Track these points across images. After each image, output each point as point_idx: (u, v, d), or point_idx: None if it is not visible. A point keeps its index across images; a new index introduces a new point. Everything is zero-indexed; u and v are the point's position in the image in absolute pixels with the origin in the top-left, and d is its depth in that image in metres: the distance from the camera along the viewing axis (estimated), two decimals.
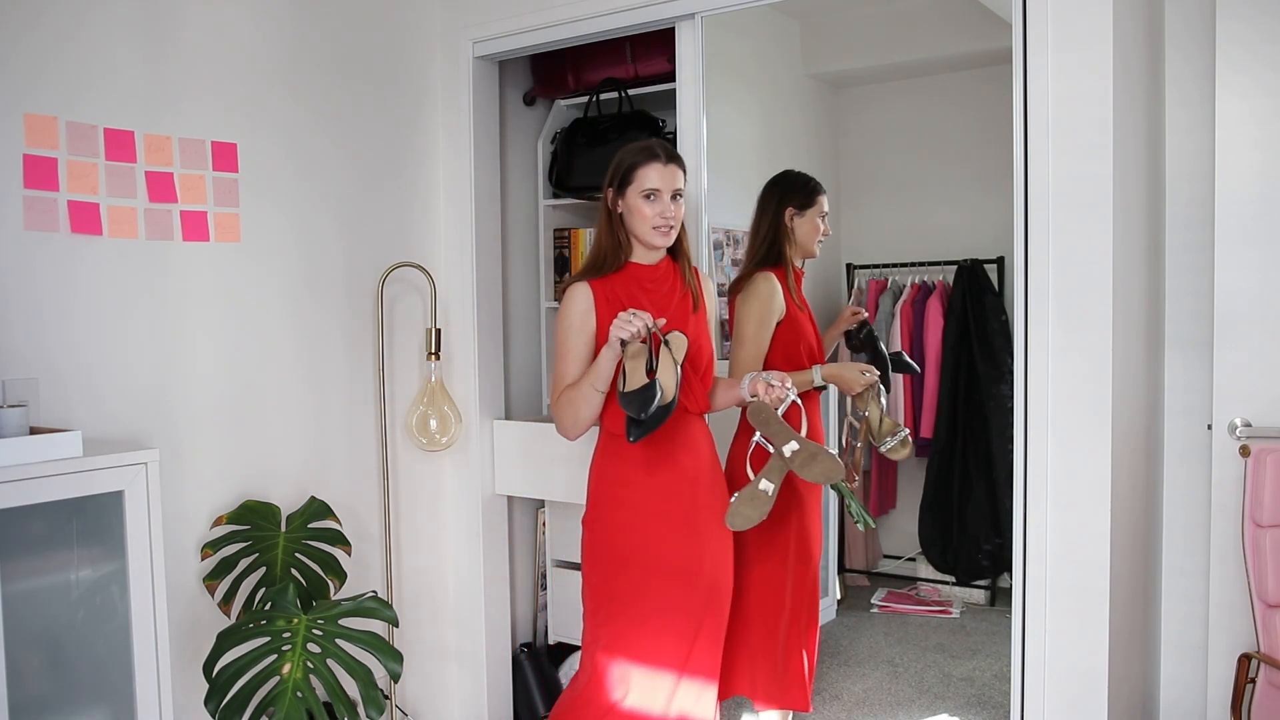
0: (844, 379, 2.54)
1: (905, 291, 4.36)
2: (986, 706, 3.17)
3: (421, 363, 2.97)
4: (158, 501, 1.97)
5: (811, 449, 2.10)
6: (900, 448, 2.64)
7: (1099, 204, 2.10)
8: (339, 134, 2.75)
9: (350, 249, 2.78)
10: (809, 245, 2.63)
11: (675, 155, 2.23)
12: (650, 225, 2.18)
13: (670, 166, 2.19)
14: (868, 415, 2.60)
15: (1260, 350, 2.42)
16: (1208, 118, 2.54)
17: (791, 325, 2.56)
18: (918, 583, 4.37)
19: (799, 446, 2.11)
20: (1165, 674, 2.74)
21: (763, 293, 2.52)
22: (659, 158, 2.18)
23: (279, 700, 2.15)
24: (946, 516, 4.20)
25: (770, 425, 2.14)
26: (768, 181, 2.67)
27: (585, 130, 3.17)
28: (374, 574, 2.84)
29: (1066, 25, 2.12)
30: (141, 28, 2.30)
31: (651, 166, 2.17)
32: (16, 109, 2.08)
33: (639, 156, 2.19)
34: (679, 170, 2.21)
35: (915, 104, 4.54)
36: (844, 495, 3.54)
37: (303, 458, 2.67)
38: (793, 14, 4.27)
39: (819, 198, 2.63)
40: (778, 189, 2.63)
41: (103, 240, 2.23)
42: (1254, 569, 2.32)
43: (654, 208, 2.17)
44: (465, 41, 2.98)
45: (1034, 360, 2.19)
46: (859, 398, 2.59)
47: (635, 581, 2.21)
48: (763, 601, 2.55)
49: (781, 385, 2.12)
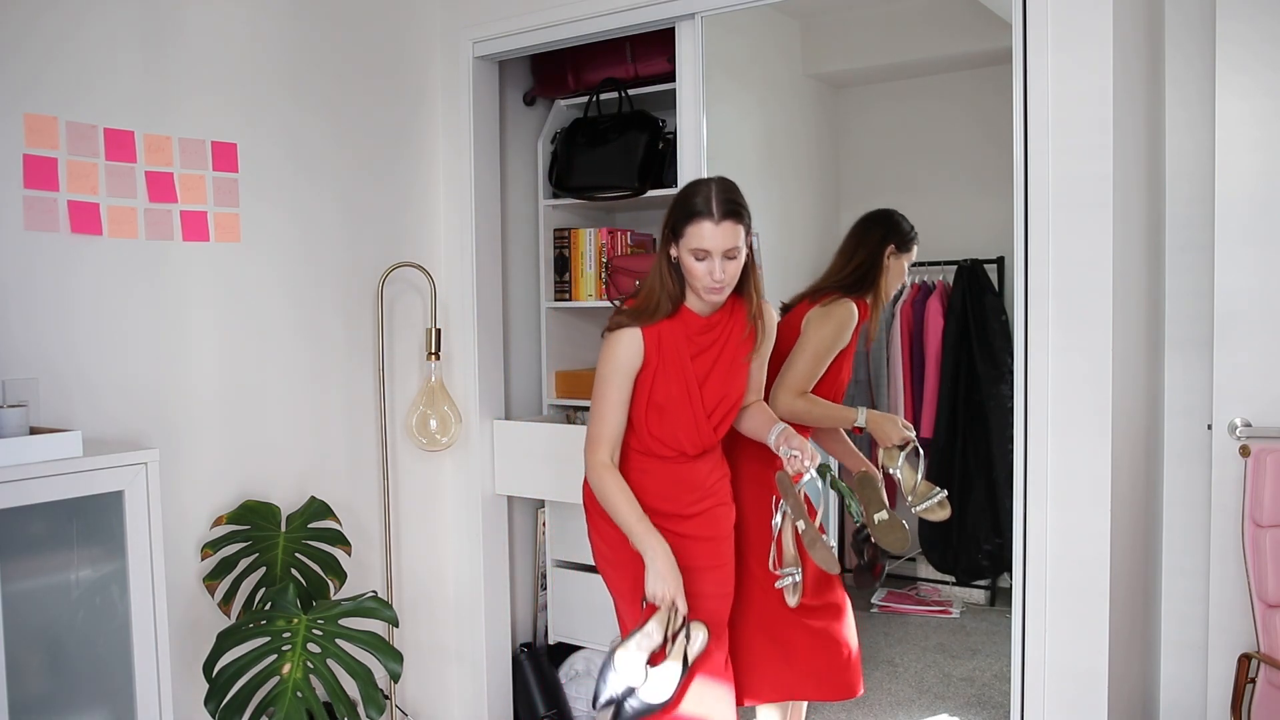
0: (884, 431, 2.52)
1: (905, 291, 4.36)
2: (986, 706, 3.17)
3: (421, 363, 2.97)
4: (158, 501, 1.97)
5: (814, 535, 2.18)
6: (938, 509, 2.56)
7: (1099, 204, 2.10)
8: (339, 134, 2.75)
9: (350, 249, 2.78)
10: (892, 288, 2.60)
11: (734, 210, 2.02)
12: (700, 285, 2.06)
13: (725, 224, 2.00)
14: (901, 475, 2.55)
15: (1260, 350, 2.42)
16: (1208, 118, 2.54)
17: (844, 357, 2.55)
18: (918, 583, 4.37)
19: (806, 528, 2.20)
20: (1165, 674, 2.74)
21: (844, 321, 2.49)
22: (711, 215, 2.00)
23: (279, 700, 2.15)
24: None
25: (789, 498, 2.22)
26: (874, 214, 2.64)
27: (585, 130, 3.16)
28: (374, 574, 2.84)
29: (1066, 25, 2.12)
30: (141, 28, 2.30)
31: (703, 225, 2.00)
32: (16, 109, 2.08)
33: (690, 210, 2.03)
34: (737, 226, 2.02)
35: (915, 104, 4.54)
36: (844, 495, 3.54)
37: (303, 458, 2.67)
38: (793, 14, 4.27)
39: (915, 246, 2.60)
40: (884, 224, 2.59)
41: (103, 240, 2.23)
42: (1254, 569, 2.32)
43: (704, 267, 2.03)
44: (465, 41, 2.98)
45: (1034, 360, 2.19)
46: (888, 452, 2.56)
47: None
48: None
49: (801, 459, 2.09)
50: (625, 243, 3.23)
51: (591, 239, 3.19)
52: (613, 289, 3.08)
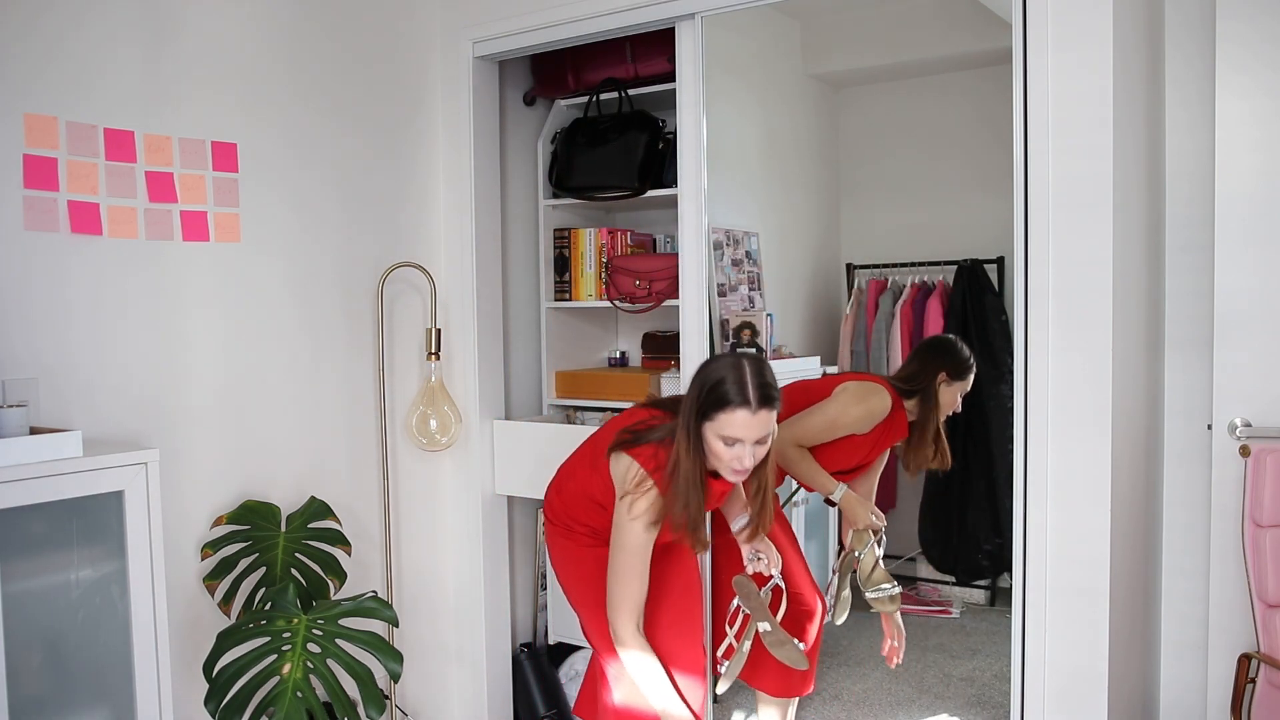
0: (855, 513, 2.62)
1: (905, 291, 4.36)
2: (986, 706, 3.17)
3: (421, 363, 2.97)
4: (158, 501, 1.97)
5: (781, 637, 2.22)
6: (887, 602, 2.63)
7: (1099, 204, 2.10)
8: (339, 133, 2.75)
9: (350, 249, 2.78)
10: (941, 415, 2.67)
11: (770, 397, 1.94)
12: (725, 468, 1.99)
13: (761, 413, 1.92)
14: (861, 557, 2.64)
15: (1260, 350, 2.42)
16: (1208, 118, 2.54)
17: (857, 446, 2.62)
18: (918, 583, 4.37)
19: (770, 629, 2.22)
20: (1165, 674, 2.74)
21: (872, 409, 2.57)
22: (748, 404, 1.91)
23: (279, 700, 2.15)
24: (946, 516, 4.20)
25: (750, 601, 2.25)
26: (941, 340, 2.80)
27: (585, 130, 3.16)
28: (374, 574, 2.83)
29: (1066, 25, 2.12)
30: (141, 28, 2.30)
31: (737, 414, 1.91)
32: (16, 109, 2.08)
33: (723, 397, 1.92)
34: (772, 414, 1.94)
35: (915, 104, 4.53)
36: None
37: (303, 458, 2.67)
38: (793, 14, 4.27)
39: (969, 376, 2.68)
40: (946, 354, 2.70)
41: (103, 240, 2.23)
42: (1254, 569, 2.32)
43: (733, 453, 1.95)
44: (465, 41, 2.98)
45: (1034, 360, 2.19)
46: (857, 535, 2.65)
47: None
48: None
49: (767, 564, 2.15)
50: (625, 243, 3.23)
51: (591, 239, 3.19)
52: (613, 289, 3.08)
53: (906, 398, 2.64)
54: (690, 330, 2.69)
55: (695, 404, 1.97)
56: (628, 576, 2.05)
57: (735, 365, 1.96)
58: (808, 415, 2.54)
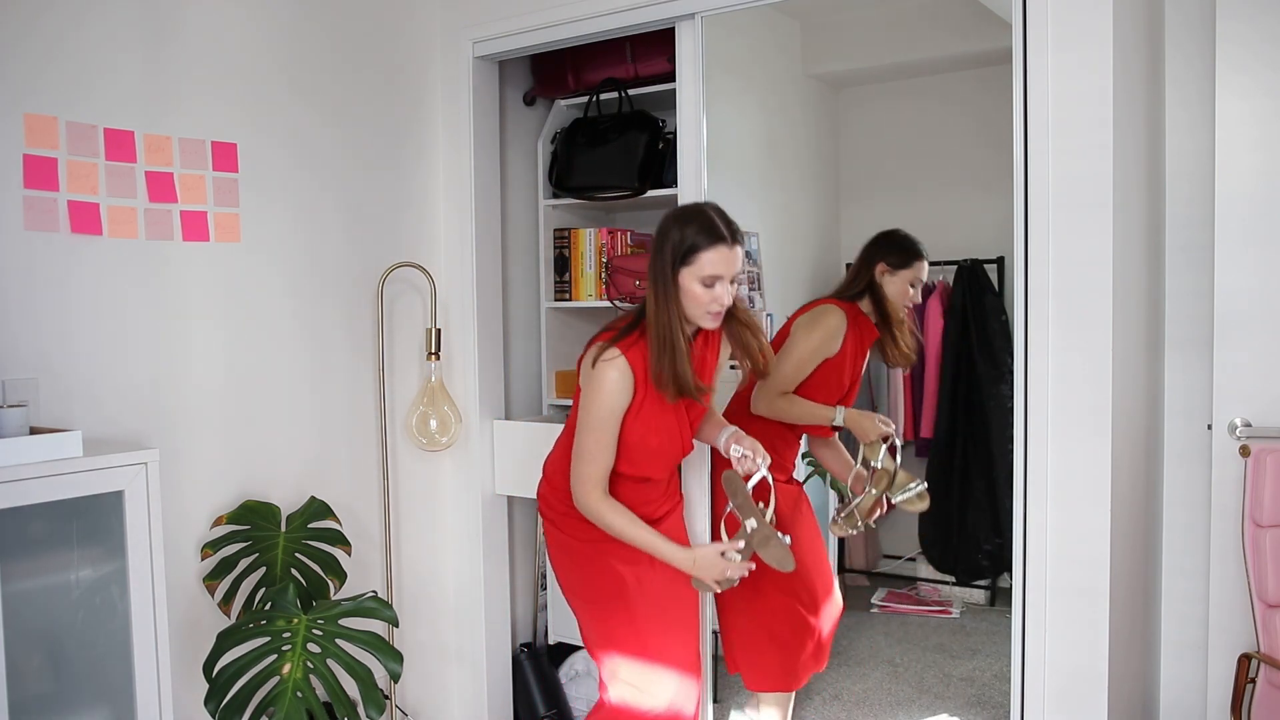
0: (862, 427, 2.60)
1: None
2: (986, 706, 3.17)
3: (421, 363, 2.97)
4: (158, 501, 1.97)
5: (766, 533, 2.16)
6: (917, 500, 2.63)
7: (1099, 204, 2.10)
8: (339, 134, 2.75)
9: (350, 249, 2.78)
10: (895, 306, 2.67)
11: (737, 231, 2.04)
12: (704, 310, 2.04)
13: (736, 248, 2.01)
14: (882, 466, 2.62)
15: (1260, 350, 2.42)
16: (1208, 118, 2.54)
17: (836, 367, 2.62)
18: (918, 583, 4.37)
19: (757, 525, 2.17)
20: (1165, 674, 2.74)
21: (828, 328, 2.59)
22: (725, 239, 2.00)
23: (279, 700, 2.15)
24: (946, 516, 4.20)
25: (737, 497, 2.21)
26: (877, 235, 2.73)
27: (585, 130, 3.16)
28: (374, 574, 2.84)
29: (1066, 25, 2.12)
30: (141, 28, 2.30)
31: (718, 250, 1.99)
32: (16, 109, 2.08)
33: (702, 237, 2.00)
34: (741, 250, 2.03)
35: (915, 104, 4.53)
36: (844, 495, 3.55)
37: (303, 458, 2.67)
38: (793, 14, 4.27)
39: (916, 263, 2.66)
40: (880, 246, 2.68)
41: (103, 240, 2.23)
42: (1254, 569, 2.32)
43: (711, 293, 2.02)
44: (465, 41, 2.98)
45: (1034, 360, 2.19)
46: (870, 447, 2.63)
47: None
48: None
49: (753, 458, 2.15)
50: (625, 243, 3.23)
51: (591, 239, 3.19)
52: (613, 289, 3.08)
53: (858, 300, 2.66)
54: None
55: (672, 254, 2.02)
56: (593, 451, 2.08)
57: (698, 211, 2.06)
58: (779, 363, 2.55)
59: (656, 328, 2.04)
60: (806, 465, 3.57)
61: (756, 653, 2.71)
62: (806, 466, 3.58)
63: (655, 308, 2.04)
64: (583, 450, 2.10)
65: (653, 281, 2.06)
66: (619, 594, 2.24)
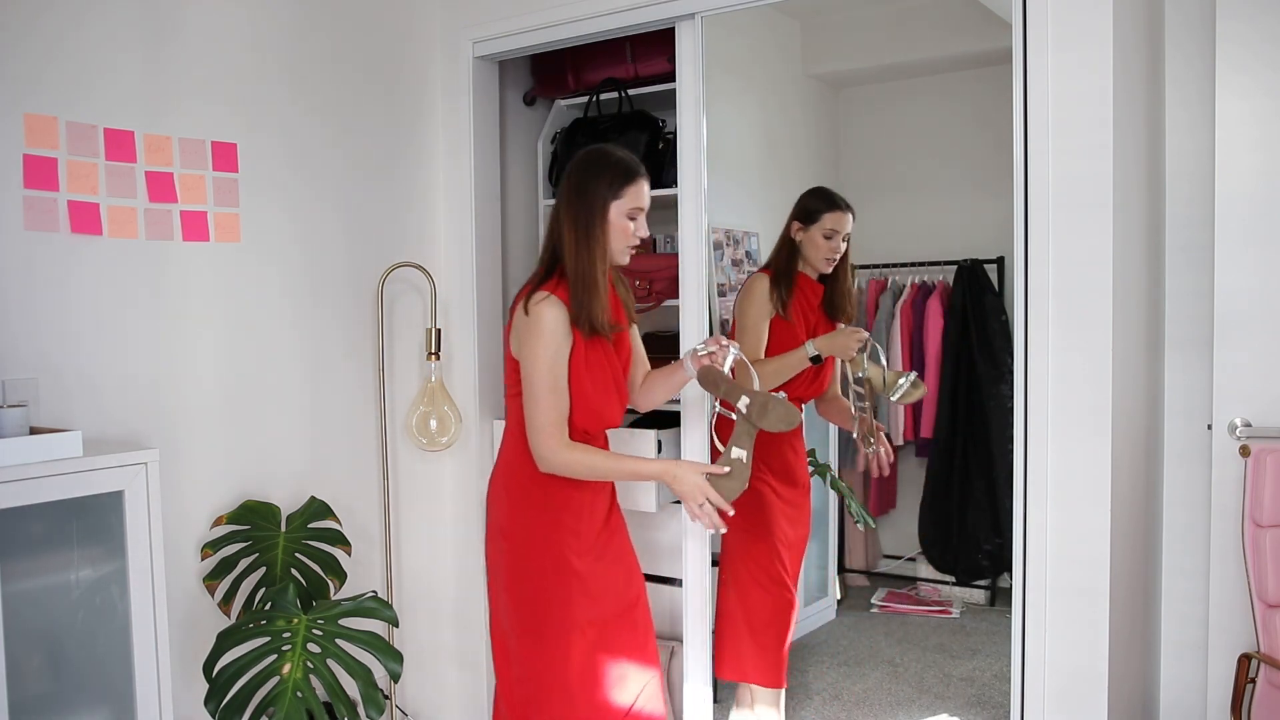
0: (839, 345, 2.63)
1: (905, 291, 4.36)
2: (986, 706, 3.17)
3: (421, 363, 2.97)
4: (158, 501, 1.97)
5: (762, 398, 2.07)
6: (912, 390, 2.65)
7: (1099, 204, 2.10)
8: (339, 134, 2.75)
9: (350, 249, 2.78)
10: (814, 261, 2.74)
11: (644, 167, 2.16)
12: (628, 245, 2.12)
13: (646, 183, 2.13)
14: (869, 376, 2.67)
15: (1260, 350, 2.42)
16: (1208, 118, 2.54)
17: (789, 327, 2.71)
18: (918, 583, 4.37)
19: (749, 399, 2.08)
20: (1165, 674, 2.74)
21: (752, 292, 2.72)
22: (645, 175, 2.12)
23: (279, 700, 2.15)
24: (946, 516, 4.20)
25: (720, 386, 2.12)
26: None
27: (585, 130, 3.16)
28: (374, 574, 2.84)
29: (1066, 25, 2.12)
30: (142, 28, 2.30)
31: (642, 184, 2.11)
32: (16, 109, 2.08)
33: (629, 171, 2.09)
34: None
35: (915, 104, 4.53)
36: (844, 495, 3.56)
37: (303, 458, 2.67)
38: (793, 14, 4.27)
39: (823, 216, 2.71)
40: (796, 203, 2.77)
41: (103, 240, 2.23)
42: (1254, 569, 2.32)
43: (634, 225, 2.11)
44: (465, 41, 2.98)
45: (1034, 360, 2.19)
46: (854, 362, 2.67)
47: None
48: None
49: (718, 344, 2.15)
50: None
51: None
52: None
53: (786, 262, 2.74)
54: (690, 330, 2.69)
55: (604, 190, 2.08)
56: (546, 395, 2.04)
57: (605, 151, 2.14)
58: (739, 338, 2.69)
59: (576, 267, 2.06)
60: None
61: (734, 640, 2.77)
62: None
63: (575, 248, 2.07)
64: (536, 398, 2.04)
65: (572, 224, 2.08)
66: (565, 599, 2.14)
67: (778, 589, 2.73)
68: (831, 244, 2.71)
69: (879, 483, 4.45)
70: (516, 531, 2.14)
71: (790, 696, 3.27)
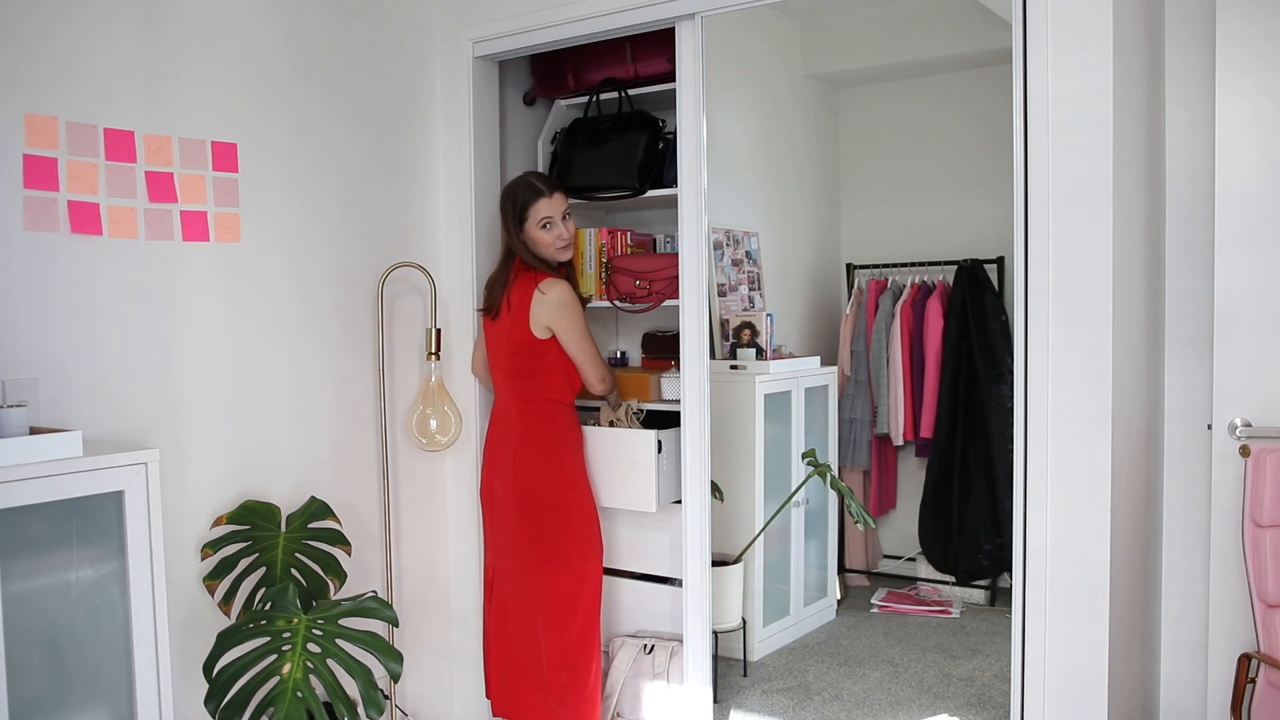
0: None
1: (905, 291, 4.36)
2: (986, 706, 3.18)
3: (421, 363, 2.97)
4: (158, 501, 1.97)
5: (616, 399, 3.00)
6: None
7: (1099, 204, 2.10)
8: (339, 134, 2.75)
9: (350, 249, 2.78)
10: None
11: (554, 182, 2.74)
12: (555, 248, 2.71)
13: (557, 195, 2.69)
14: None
15: (1260, 350, 2.42)
16: (1208, 118, 2.54)
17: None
18: (918, 583, 4.37)
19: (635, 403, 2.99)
20: (1165, 674, 2.74)
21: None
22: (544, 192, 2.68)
23: (279, 700, 2.15)
24: (946, 516, 4.20)
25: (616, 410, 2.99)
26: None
27: (585, 130, 3.16)
28: (374, 574, 2.84)
29: (1066, 25, 2.12)
30: (142, 28, 2.30)
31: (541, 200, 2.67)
32: (16, 109, 2.08)
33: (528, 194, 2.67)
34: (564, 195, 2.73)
35: (915, 104, 4.54)
36: (844, 495, 3.54)
37: (303, 457, 2.67)
38: (793, 14, 4.27)
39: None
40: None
41: (103, 240, 2.23)
42: (1254, 569, 2.32)
43: (553, 233, 2.69)
44: (465, 41, 2.98)
45: (1034, 360, 2.19)
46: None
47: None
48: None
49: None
50: (625, 243, 3.23)
51: (591, 239, 3.19)
52: (612, 289, 3.08)
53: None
54: (690, 330, 2.69)
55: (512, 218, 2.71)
56: (595, 351, 2.75)
57: (518, 180, 2.75)
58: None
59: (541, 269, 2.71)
60: (806, 466, 3.58)
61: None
62: (806, 467, 3.58)
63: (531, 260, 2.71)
64: (589, 353, 2.72)
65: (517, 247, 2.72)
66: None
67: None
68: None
69: (879, 482, 4.46)
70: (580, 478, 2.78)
71: (790, 696, 3.28)
